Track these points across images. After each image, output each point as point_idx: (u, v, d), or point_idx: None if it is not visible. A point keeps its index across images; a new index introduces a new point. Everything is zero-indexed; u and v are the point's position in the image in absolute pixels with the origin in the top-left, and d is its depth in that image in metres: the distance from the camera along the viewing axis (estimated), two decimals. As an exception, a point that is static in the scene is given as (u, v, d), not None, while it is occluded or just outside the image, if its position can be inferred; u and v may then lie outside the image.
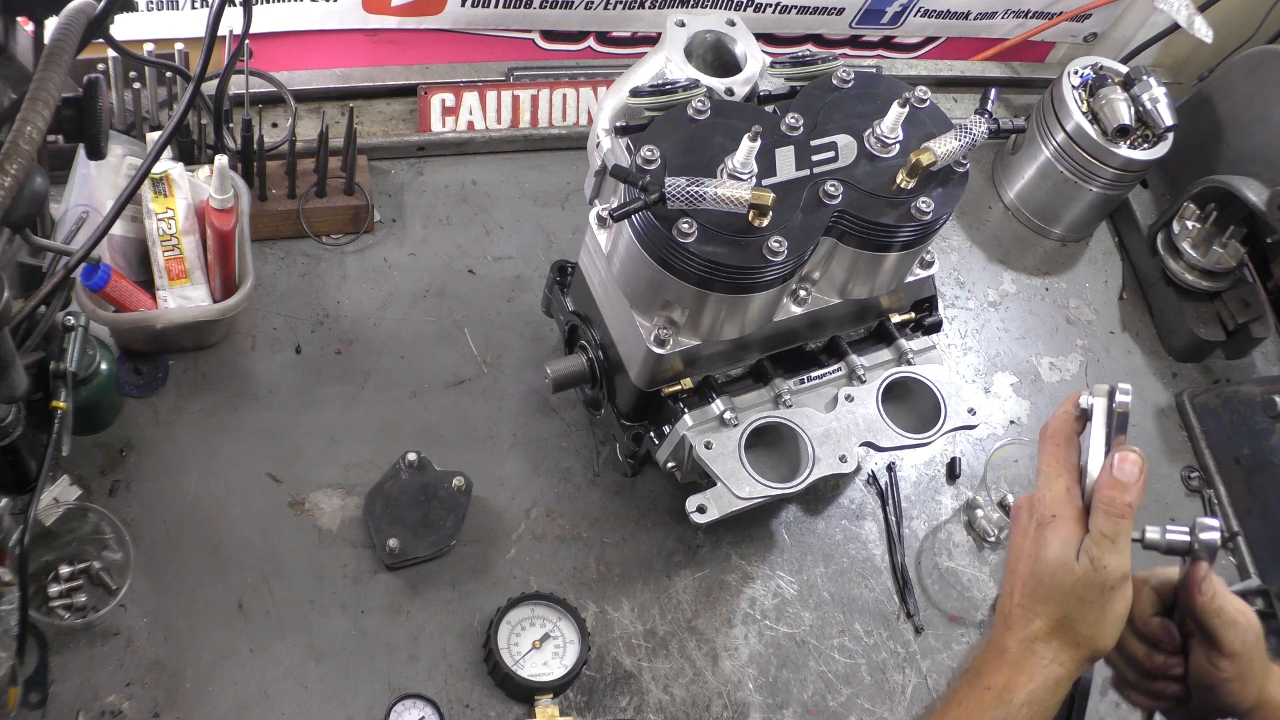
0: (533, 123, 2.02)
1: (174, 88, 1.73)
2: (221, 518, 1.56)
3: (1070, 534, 1.09)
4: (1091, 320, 2.13)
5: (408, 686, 1.49)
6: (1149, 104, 1.99)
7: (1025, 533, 1.13)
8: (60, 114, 1.09)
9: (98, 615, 1.43)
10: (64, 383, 1.36)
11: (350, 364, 1.73)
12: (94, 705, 1.40)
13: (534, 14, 2.07)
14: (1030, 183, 2.16)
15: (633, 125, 1.40)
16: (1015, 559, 1.13)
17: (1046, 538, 1.10)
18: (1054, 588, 1.09)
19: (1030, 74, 2.41)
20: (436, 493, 1.57)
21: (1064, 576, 1.08)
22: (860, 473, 1.82)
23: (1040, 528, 1.11)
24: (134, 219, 1.61)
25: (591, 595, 1.62)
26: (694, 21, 1.48)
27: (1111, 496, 1.08)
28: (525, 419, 1.74)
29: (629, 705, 1.55)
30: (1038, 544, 1.11)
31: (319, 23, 1.96)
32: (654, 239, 1.31)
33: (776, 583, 1.70)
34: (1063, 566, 1.09)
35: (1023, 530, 1.13)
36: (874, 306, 1.59)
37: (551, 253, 1.90)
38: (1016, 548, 1.13)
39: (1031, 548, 1.11)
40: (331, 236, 1.84)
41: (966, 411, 1.57)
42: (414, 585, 1.57)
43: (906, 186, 1.39)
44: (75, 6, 1.04)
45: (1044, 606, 1.10)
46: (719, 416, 1.50)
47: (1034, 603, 1.10)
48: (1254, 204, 1.91)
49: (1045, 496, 1.12)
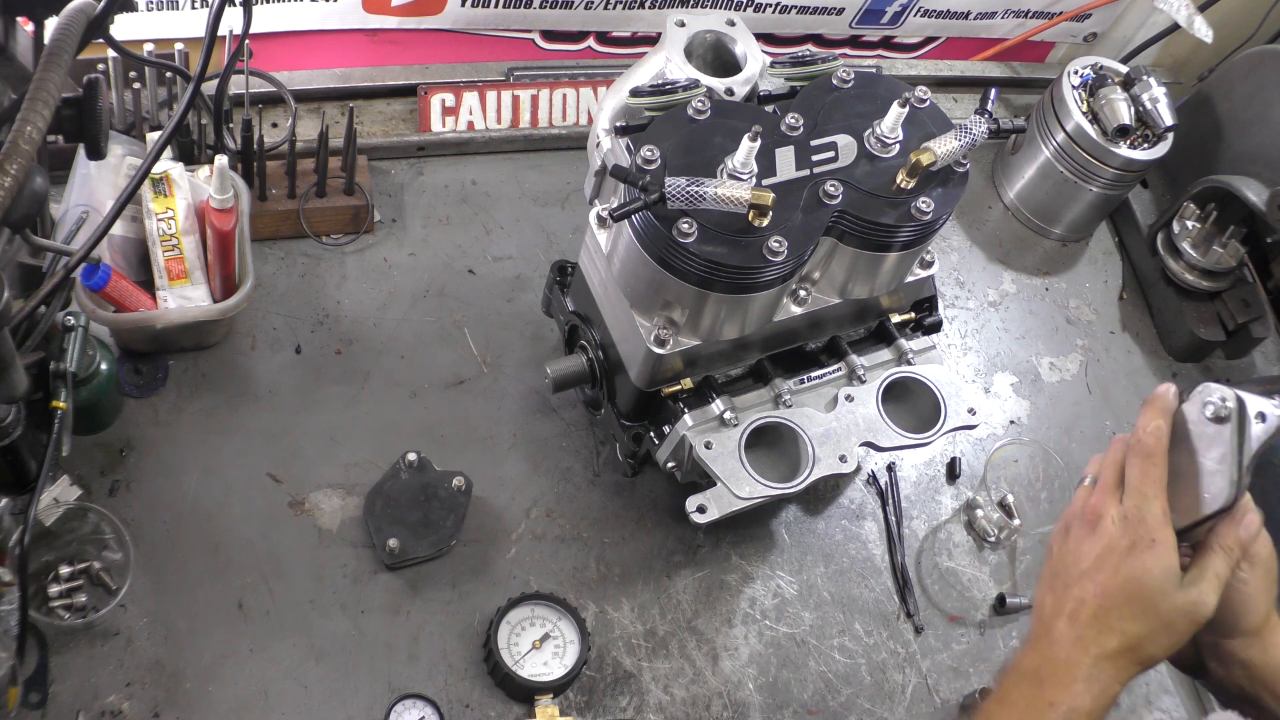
0: (533, 123, 2.02)
1: (174, 88, 1.73)
2: (221, 518, 1.56)
3: (1173, 562, 1.09)
4: (1091, 320, 2.13)
5: (408, 686, 1.49)
6: (1149, 104, 1.99)
7: (1113, 548, 1.11)
8: (60, 114, 1.09)
9: (98, 615, 1.43)
10: (64, 383, 1.36)
11: (350, 364, 1.73)
12: (94, 705, 1.40)
13: (534, 14, 2.07)
14: (1030, 183, 2.16)
15: (633, 125, 1.40)
16: (1095, 569, 1.11)
17: (1147, 562, 1.09)
18: (1147, 610, 1.08)
19: (1030, 74, 2.41)
20: (436, 493, 1.57)
21: (1161, 603, 1.08)
22: (860, 473, 1.82)
23: (1137, 549, 1.10)
24: (134, 219, 1.61)
25: (591, 595, 1.62)
26: (694, 21, 1.47)
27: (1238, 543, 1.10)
28: (525, 419, 1.75)
29: (629, 705, 1.55)
30: (1135, 564, 1.09)
31: (319, 23, 1.96)
32: (654, 239, 1.31)
33: (776, 583, 1.70)
34: (1163, 594, 1.08)
35: (1110, 545, 1.11)
36: (874, 306, 1.59)
37: (551, 253, 1.90)
38: (1097, 558, 1.12)
39: (1126, 566, 1.10)
40: (331, 236, 1.84)
41: (966, 411, 1.57)
42: (414, 585, 1.57)
43: (906, 186, 1.38)
44: (75, 6, 1.04)
45: (1128, 625, 1.09)
46: (719, 416, 1.50)
47: (1117, 619, 1.09)
48: (1254, 204, 1.91)
49: (1146, 517, 1.10)
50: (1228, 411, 1.07)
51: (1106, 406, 2.02)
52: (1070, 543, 1.16)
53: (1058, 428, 1.96)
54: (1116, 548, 1.11)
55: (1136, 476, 1.13)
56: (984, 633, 1.72)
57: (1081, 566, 1.13)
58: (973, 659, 1.69)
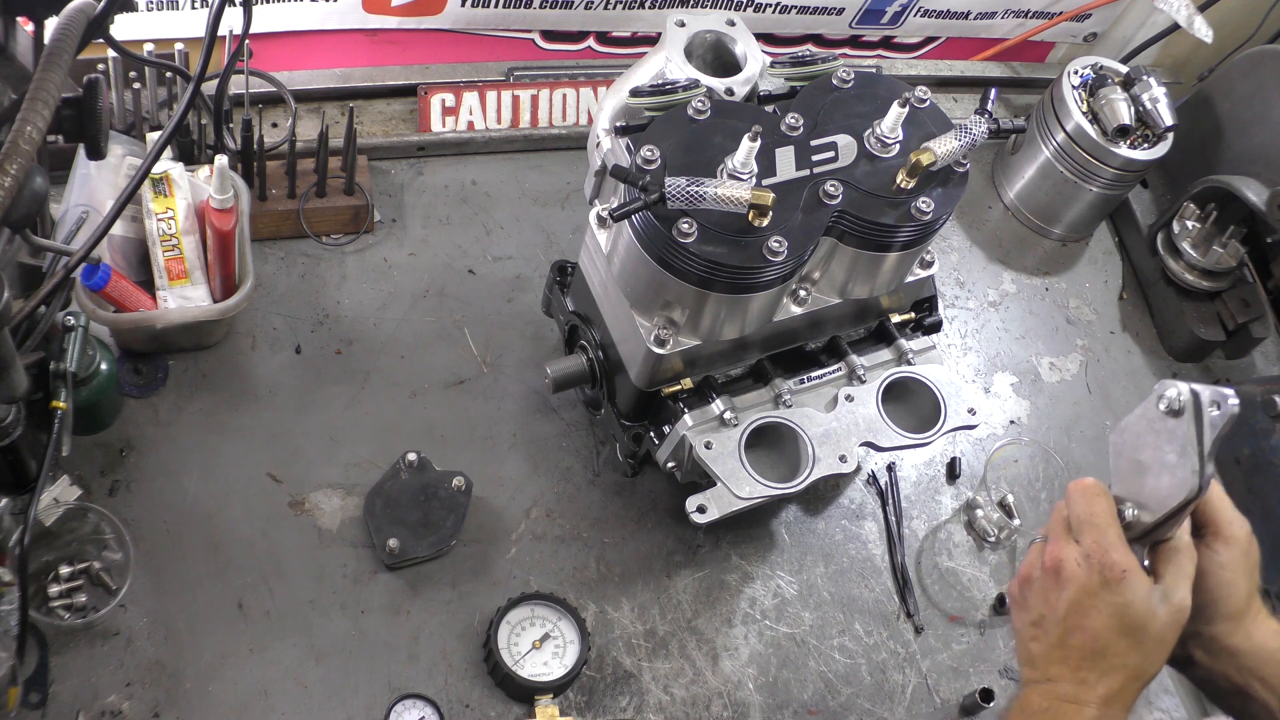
0: (533, 123, 2.02)
1: (174, 88, 1.73)
2: (221, 518, 1.56)
3: (1147, 585, 1.10)
4: (1091, 320, 2.13)
5: (408, 686, 1.49)
6: (1149, 104, 1.99)
7: (1086, 589, 1.11)
8: (60, 114, 1.09)
9: (98, 615, 1.43)
10: (64, 383, 1.36)
11: (350, 364, 1.73)
12: (94, 705, 1.40)
13: (534, 14, 2.07)
14: (1030, 183, 2.16)
15: (633, 125, 1.40)
16: (1076, 613, 1.11)
17: (1124, 595, 1.10)
18: (1140, 640, 1.09)
19: (1030, 74, 2.41)
20: (436, 493, 1.57)
21: (1151, 626, 1.09)
22: (860, 473, 1.81)
23: (1110, 585, 1.10)
24: (134, 219, 1.61)
25: (591, 595, 1.62)
26: (694, 21, 1.48)
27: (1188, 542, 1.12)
28: (525, 419, 1.74)
29: (629, 705, 1.55)
30: (1114, 601, 1.10)
31: (319, 23, 1.96)
32: (654, 239, 1.31)
33: (776, 583, 1.70)
34: (1150, 617, 1.09)
35: (1082, 587, 1.12)
36: (874, 306, 1.59)
37: (551, 253, 1.90)
38: (1074, 603, 1.12)
39: (1106, 605, 1.10)
40: (331, 236, 1.84)
41: (966, 411, 1.57)
42: (414, 585, 1.57)
43: (906, 186, 1.38)
44: (75, 6, 1.04)
45: (1127, 659, 1.10)
46: (719, 416, 1.50)
47: (1114, 656, 1.10)
48: (1254, 204, 1.91)
49: (1107, 549, 1.11)
50: (1181, 405, 1.08)
51: (1106, 406, 2.02)
52: (1038, 592, 1.16)
53: (1058, 428, 1.96)
54: (1089, 588, 1.11)
55: (1083, 510, 1.15)
56: (984, 633, 1.72)
57: (1059, 613, 1.13)
58: (973, 659, 1.69)
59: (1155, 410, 1.11)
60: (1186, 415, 1.08)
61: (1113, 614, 1.10)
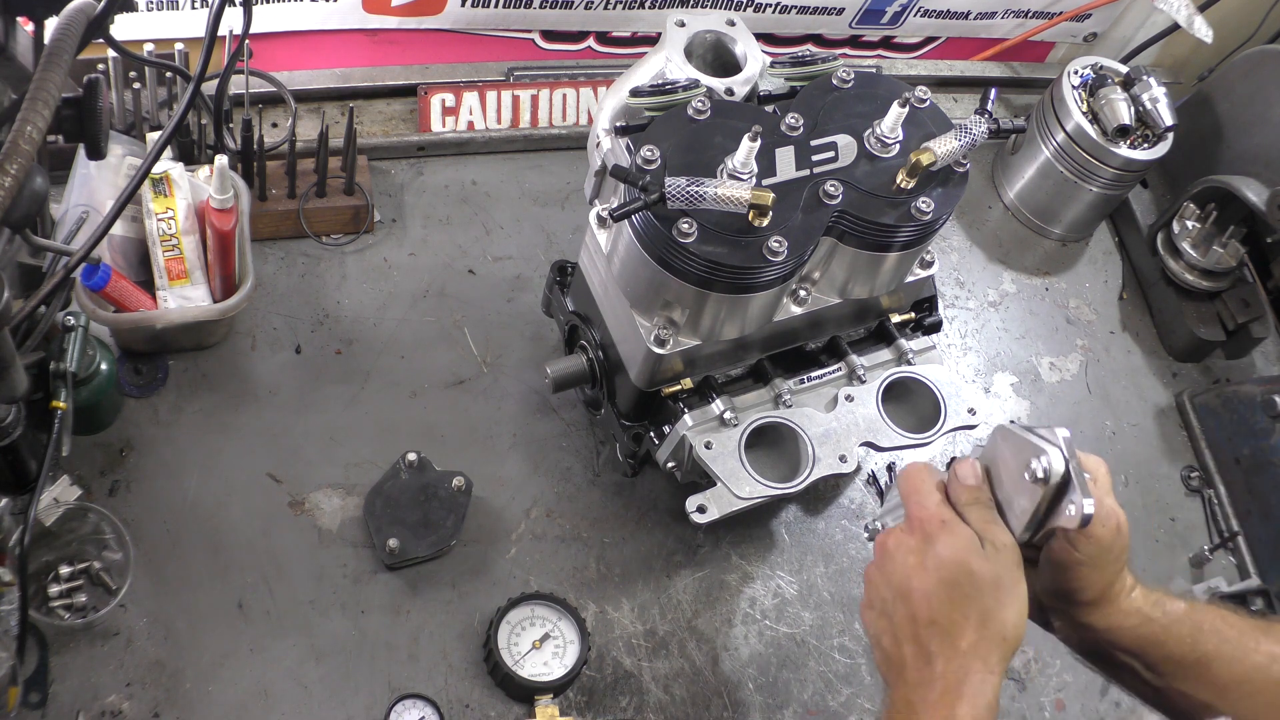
0: (533, 123, 2.02)
1: (174, 88, 1.73)
2: (221, 518, 1.56)
3: (966, 532, 1.10)
4: (1091, 320, 2.13)
5: (408, 686, 1.49)
6: (1149, 104, 1.99)
7: (913, 550, 1.11)
8: (60, 114, 1.09)
9: (98, 615, 1.43)
10: (64, 383, 1.36)
11: (350, 364, 1.73)
12: (94, 705, 1.40)
13: (534, 14, 2.07)
14: (1030, 183, 2.16)
15: (633, 125, 1.40)
16: (908, 578, 1.11)
17: (942, 547, 1.09)
18: (971, 584, 1.07)
19: (1030, 74, 2.41)
20: (436, 493, 1.57)
21: (979, 567, 1.08)
22: (860, 473, 1.81)
23: (930, 540, 1.11)
24: (134, 219, 1.61)
25: (591, 595, 1.62)
26: (694, 21, 1.48)
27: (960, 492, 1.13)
28: (525, 419, 1.75)
29: (629, 705, 1.55)
30: (936, 555, 1.09)
31: (319, 23, 1.96)
32: (654, 239, 1.31)
33: (776, 583, 1.70)
34: (976, 555, 1.08)
35: (910, 549, 1.12)
36: (874, 306, 1.59)
37: (551, 253, 1.90)
38: (906, 569, 1.11)
39: (929, 561, 1.10)
40: (331, 236, 1.84)
41: (966, 411, 1.57)
42: (414, 585, 1.57)
43: (906, 186, 1.38)
44: (75, 6, 1.04)
45: (965, 608, 1.07)
46: (719, 416, 1.50)
47: (953, 610, 1.08)
48: (1254, 204, 1.91)
49: (927, 507, 1.13)
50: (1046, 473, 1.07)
51: (1106, 406, 2.02)
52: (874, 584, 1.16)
53: (1058, 428, 1.96)
54: (912, 548, 1.12)
55: (905, 487, 1.17)
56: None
57: (894, 587, 1.12)
58: (973, 659, 1.69)
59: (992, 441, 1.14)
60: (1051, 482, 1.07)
61: (937, 569, 1.09)
